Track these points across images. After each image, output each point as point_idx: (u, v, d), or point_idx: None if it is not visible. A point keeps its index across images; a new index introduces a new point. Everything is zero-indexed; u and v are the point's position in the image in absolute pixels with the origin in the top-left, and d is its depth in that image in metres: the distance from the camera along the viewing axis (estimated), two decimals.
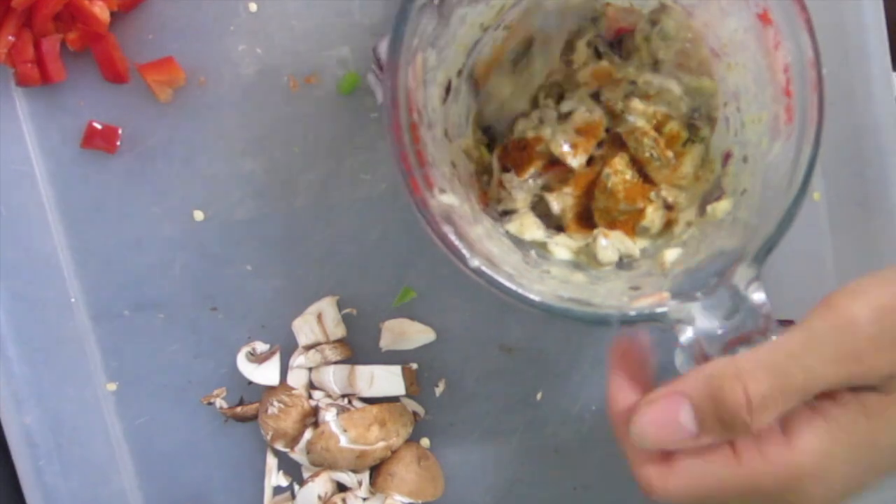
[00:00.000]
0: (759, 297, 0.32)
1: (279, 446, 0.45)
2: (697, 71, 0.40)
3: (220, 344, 0.46)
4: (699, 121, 0.41)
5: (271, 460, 0.47)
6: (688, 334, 0.32)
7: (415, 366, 0.46)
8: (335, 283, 0.46)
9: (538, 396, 0.47)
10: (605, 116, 0.41)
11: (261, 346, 0.46)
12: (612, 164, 0.41)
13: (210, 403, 0.46)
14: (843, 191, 0.46)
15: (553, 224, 0.42)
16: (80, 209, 0.45)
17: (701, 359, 0.33)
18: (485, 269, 0.33)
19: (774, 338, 0.32)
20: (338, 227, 0.45)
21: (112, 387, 0.46)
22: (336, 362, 0.46)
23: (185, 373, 0.46)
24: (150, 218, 0.45)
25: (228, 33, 0.44)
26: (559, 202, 0.42)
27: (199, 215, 0.45)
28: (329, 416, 0.44)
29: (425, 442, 0.47)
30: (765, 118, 0.35)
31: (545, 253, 0.41)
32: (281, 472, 0.47)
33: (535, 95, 0.42)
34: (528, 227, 0.41)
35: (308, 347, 0.45)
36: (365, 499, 0.45)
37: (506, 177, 0.42)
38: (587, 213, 0.42)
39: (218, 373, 0.46)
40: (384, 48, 0.31)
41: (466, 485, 0.48)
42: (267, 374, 0.45)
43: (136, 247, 0.45)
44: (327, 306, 0.45)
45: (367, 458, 0.44)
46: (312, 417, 0.45)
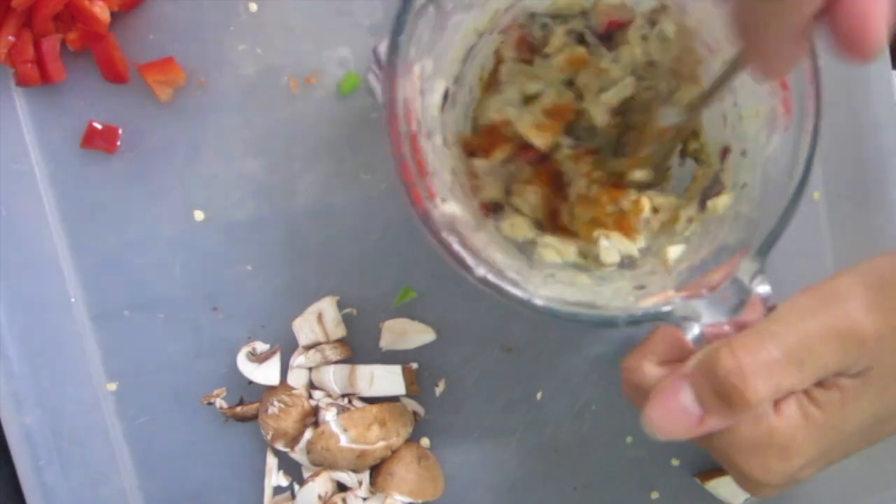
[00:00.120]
0: (764, 290, 0.32)
1: (279, 446, 0.45)
2: (688, 78, 0.40)
3: (220, 344, 0.46)
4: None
5: (271, 460, 0.47)
6: (695, 331, 0.33)
7: (415, 365, 0.46)
8: (335, 283, 0.46)
9: (538, 396, 0.47)
10: (574, 101, 0.41)
11: (261, 346, 0.46)
12: (583, 172, 0.41)
13: (210, 403, 0.46)
14: (843, 190, 0.46)
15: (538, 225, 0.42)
16: (80, 209, 0.45)
17: None
18: (490, 277, 0.32)
19: None
20: (338, 227, 0.45)
21: (112, 387, 0.46)
22: (336, 362, 0.46)
23: (185, 373, 0.46)
24: (150, 218, 0.45)
25: (228, 33, 0.44)
26: (525, 201, 0.42)
27: (199, 215, 0.45)
28: (329, 416, 0.44)
29: (425, 442, 0.47)
30: (762, 112, 0.35)
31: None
32: (281, 471, 0.47)
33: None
34: (520, 226, 0.41)
35: (308, 347, 0.45)
36: (365, 498, 0.45)
37: (476, 163, 0.41)
38: (562, 216, 0.42)
39: (218, 373, 0.46)
40: (384, 48, 0.31)
41: (466, 485, 0.48)
42: (267, 373, 0.45)
43: (136, 247, 0.45)
44: (327, 306, 0.45)
45: (367, 458, 0.44)
46: (312, 417, 0.45)
